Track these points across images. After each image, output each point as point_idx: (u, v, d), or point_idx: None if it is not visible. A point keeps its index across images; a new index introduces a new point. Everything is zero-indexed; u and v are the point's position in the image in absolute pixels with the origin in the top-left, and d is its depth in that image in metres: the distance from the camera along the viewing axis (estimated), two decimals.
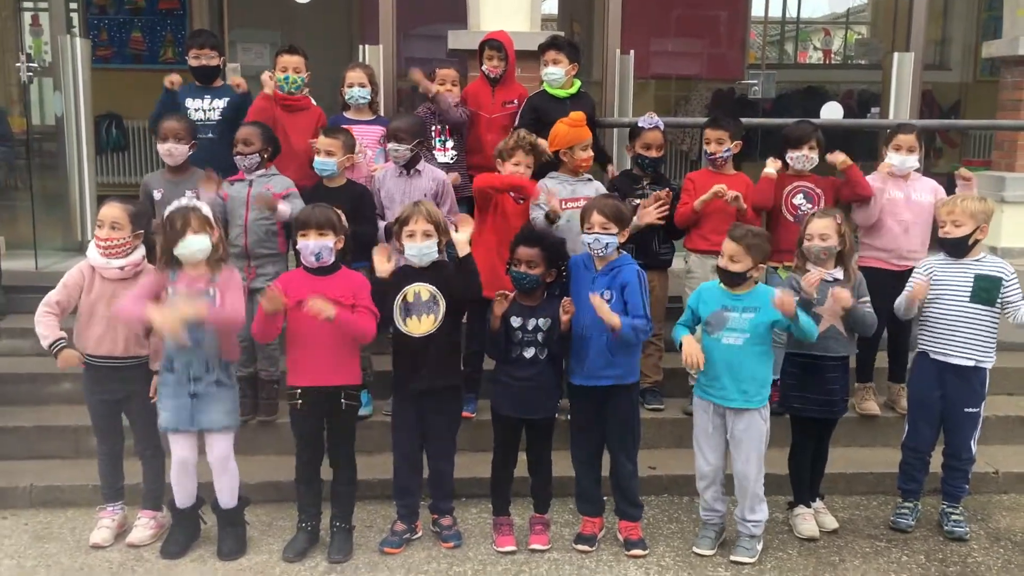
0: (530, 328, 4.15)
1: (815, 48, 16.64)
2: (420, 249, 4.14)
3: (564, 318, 4.09)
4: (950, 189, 5.25)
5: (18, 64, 6.69)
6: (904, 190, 5.19)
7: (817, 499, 4.61)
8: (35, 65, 6.86)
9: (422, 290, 4.15)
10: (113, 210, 4.13)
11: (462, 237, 4.15)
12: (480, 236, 4.69)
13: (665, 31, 12.33)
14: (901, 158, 5.13)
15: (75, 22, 8.62)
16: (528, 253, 4.15)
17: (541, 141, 5.02)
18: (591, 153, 5.01)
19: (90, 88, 6.96)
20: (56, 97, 6.94)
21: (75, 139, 6.95)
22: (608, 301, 4.12)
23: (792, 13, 15.03)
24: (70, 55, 6.83)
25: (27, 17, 10.68)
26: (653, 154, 5.17)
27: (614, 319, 4.00)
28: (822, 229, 4.32)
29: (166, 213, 4.02)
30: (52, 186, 7.29)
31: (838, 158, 5.08)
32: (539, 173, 5.08)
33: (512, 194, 4.86)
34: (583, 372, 4.20)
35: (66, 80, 6.86)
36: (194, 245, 3.97)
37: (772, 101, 10.99)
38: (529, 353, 4.17)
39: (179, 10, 11.43)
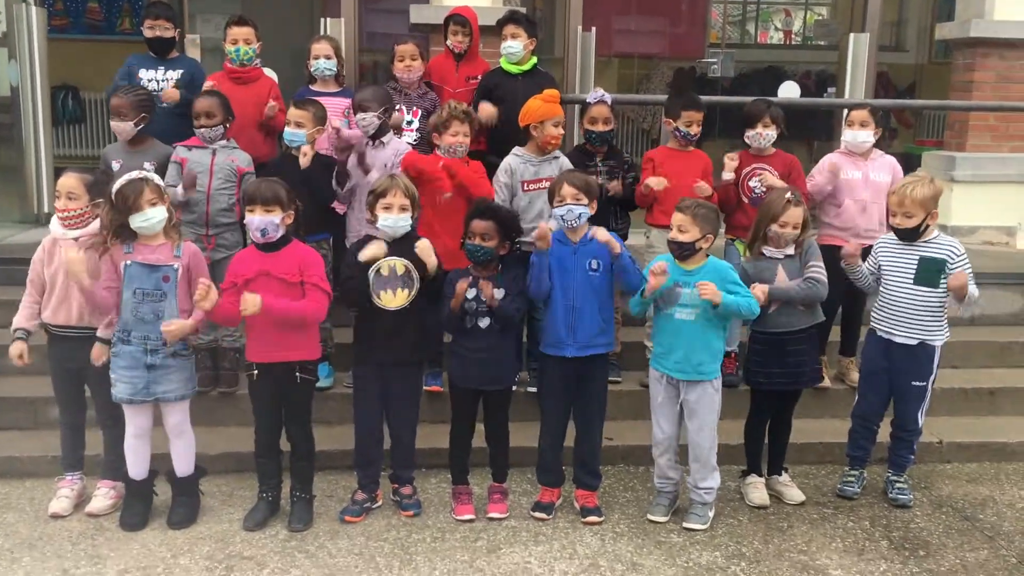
0: (484, 298, 4.21)
1: (776, 28, 16.77)
2: (396, 221, 4.18)
3: (488, 294, 4.15)
4: (907, 168, 5.39)
5: None
6: (863, 169, 5.28)
7: (782, 472, 4.72)
8: None
9: (397, 264, 4.18)
10: (69, 180, 4.12)
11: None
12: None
13: (627, 9, 12.38)
14: (853, 133, 5.26)
15: None
16: (482, 226, 4.21)
17: (487, 107, 5.17)
18: (562, 131, 5.02)
19: (46, 58, 6.87)
20: (11, 67, 6.84)
21: (31, 110, 6.87)
22: (596, 270, 4.24)
23: None
24: (25, 24, 6.74)
25: None
26: (600, 127, 5.21)
27: (615, 243, 4.14)
28: (797, 218, 4.39)
29: (115, 186, 3.99)
30: (8, 158, 7.20)
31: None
32: (503, 151, 5.14)
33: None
34: (576, 343, 4.26)
35: (21, 50, 6.76)
36: (154, 217, 3.99)
37: (732, 80, 11.09)
38: (484, 323, 4.24)
39: None
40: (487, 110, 5.32)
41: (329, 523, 4.30)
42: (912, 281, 4.45)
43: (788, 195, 4.43)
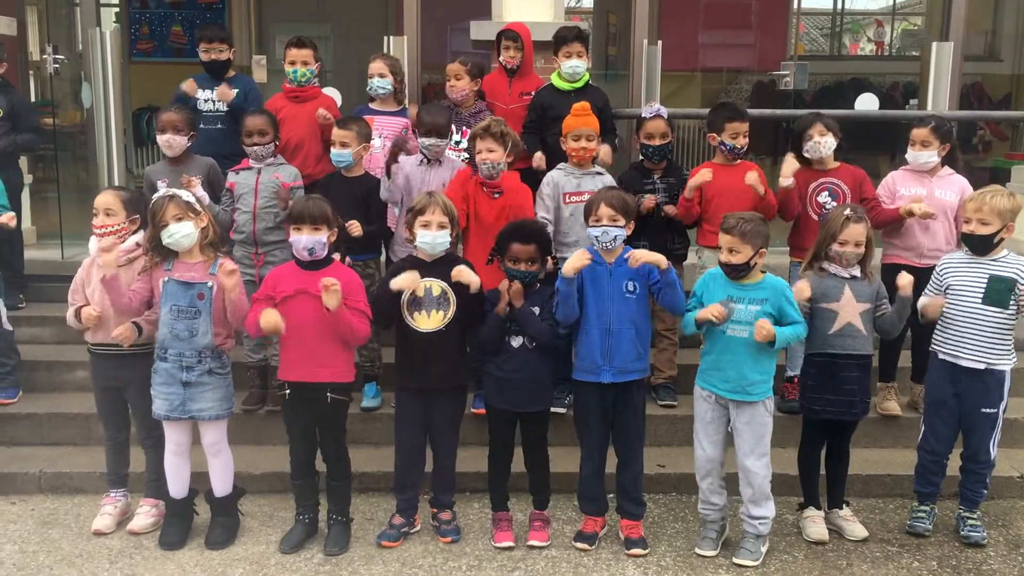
0: (511, 298, 4.06)
1: (868, 40, 16.28)
2: (434, 238, 4.08)
3: (515, 288, 4.02)
4: (995, 183, 5.06)
5: (44, 56, 6.77)
6: (928, 187, 4.99)
7: (843, 506, 4.44)
8: (61, 57, 6.93)
9: (433, 285, 4.08)
10: (106, 197, 4.18)
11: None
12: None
13: (709, 24, 12.19)
14: (915, 154, 4.98)
15: (104, 15, 8.65)
16: (527, 250, 4.07)
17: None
18: (584, 145, 4.81)
19: (119, 80, 7.01)
20: (85, 89, 7.03)
21: (104, 131, 7.01)
22: (633, 292, 4.06)
23: (846, 4, 14.77)
24: (99, 47, 6.90)
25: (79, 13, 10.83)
26: (656, 142, 5.07)
27: (660, 258, 3.96)
28: (858, 236, 4.15)
29: (150, 205, 4.05)
30: (83, 177, 7.39)
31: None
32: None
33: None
34: (613, 368, 4.09)
35: (95, 72, 6.93)
36: (178, 233, 4.00)
37: (814, 93, 10.78)
38: (517, 342, 4.10)
39: (218, 4, 11.54)
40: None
41: (365, 547, 4.21)
42: (979, 301, 4.16)
43: (848, 212, 4.19)
